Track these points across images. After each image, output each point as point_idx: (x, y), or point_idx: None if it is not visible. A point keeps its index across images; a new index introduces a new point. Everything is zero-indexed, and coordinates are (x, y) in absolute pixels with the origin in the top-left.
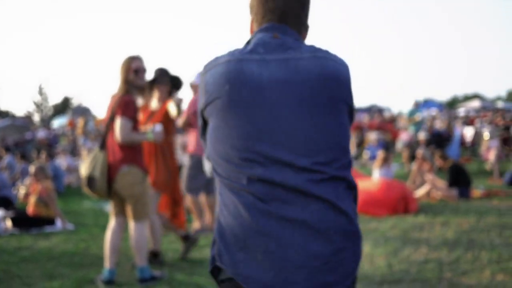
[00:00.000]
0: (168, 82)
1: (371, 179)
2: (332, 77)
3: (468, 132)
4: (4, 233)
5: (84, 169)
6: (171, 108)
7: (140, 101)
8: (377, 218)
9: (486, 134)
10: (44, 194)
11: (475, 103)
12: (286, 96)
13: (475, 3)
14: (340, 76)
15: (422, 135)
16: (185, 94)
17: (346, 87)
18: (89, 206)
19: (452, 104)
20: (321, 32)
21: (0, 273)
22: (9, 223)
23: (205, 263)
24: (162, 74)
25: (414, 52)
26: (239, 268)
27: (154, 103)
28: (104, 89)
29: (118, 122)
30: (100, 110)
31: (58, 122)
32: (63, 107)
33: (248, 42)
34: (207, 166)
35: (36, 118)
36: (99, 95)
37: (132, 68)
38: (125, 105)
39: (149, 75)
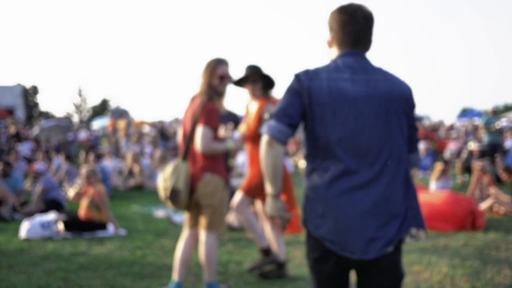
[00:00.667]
0: (260, 81)
1: (432, 192)
2: (397, 96)
3: None
4: (56, 236)
5: (164, 180)
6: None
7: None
8: (443, 234)
9: None
10: (97, 198)
11: None
12: (368, 108)
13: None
14: (402, 94)
15: (475, 146)
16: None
17: (405, 103)
18: (137, 210)
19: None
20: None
21: (60, 282)
22: (61, 227)
23: (272, 278)
24: (253, 72)
25: (451, 60)
26: None
27: (252, 105)
28: (140, 92)
29: (199, 132)
30: (137, 112)
31: (97, 124)
32: (101, 109)
33: (335, 62)
34: None
35: (75, 119)
36: (135, 98)
37: (218, 74)
38: (208, 114)
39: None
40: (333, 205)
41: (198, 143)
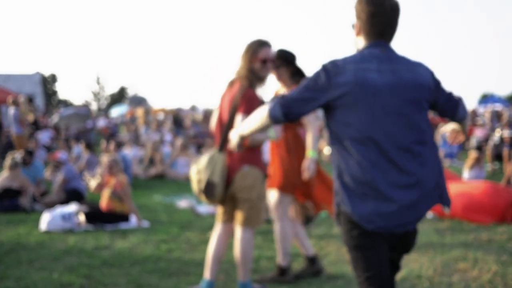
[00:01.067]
0: (285, 66)
1: (468, 182)
2: (420, 84)
3: None
4: (78, 228)
5: (198, 172)
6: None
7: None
8: (484, 226)
9: None
10: (119, 189)
11: None
12: (394, 97)
13: None
14: (424, 83)
15: (506, 133)
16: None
17: (427, 91)
18: (159, 200)
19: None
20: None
21: (83, 280)
22: (82, 218)
23: (308, 276)
24: (283, 57)
25: (470, 44)
26: None
27: (280, 91)
28: (158, 79)
29: (240, 121)
30: (155, 100)
31: (116, 111)
32: (119, 96)
33: (362, 52)
34: None
35: (93, 107)
36: (153, 86)
37: (260, 57)
38: (249, 101)
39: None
40: (372, 186)
41: None
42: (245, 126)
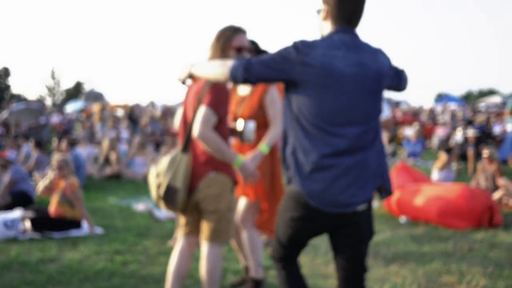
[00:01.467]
0: (259, 54)
1: (444, 184)
2: (381, 75)
3: None
4: (22, 236)
5: (158, 176)
6: None
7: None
8: (460, 232)
9: None
10: (69, 192)
11: (496, 99)
12: (356, 87)
13: None
14: (385, 72)
15: (471, 132)
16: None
17: (387, 78)
18: (115, 202)
19: (467, 99)
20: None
21: None
22: (28, 225)
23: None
24: (253, 45)
25: (426, 46)
26: None
27: (243, 87)
28: (116, 74)
29: (200, 113)
30: (113, 95)
31: (71, 107)
32: (75, 91)
33: (330, 37)
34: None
35: (48, 102)
36: (111, 80)
37: (234, 45)
38: (216, 94)
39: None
40: (322, 168)
41: (196, 126)
42: (201, 67)
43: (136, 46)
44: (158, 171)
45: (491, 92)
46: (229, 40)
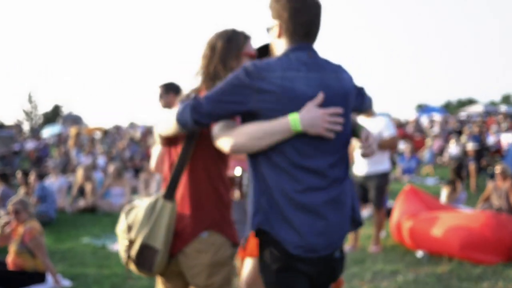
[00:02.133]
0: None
1: (466, 212)
2: (346, 94)
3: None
4: None
5: (130, 230)
6: None
7: None
8: (491, 268)
9: None
10: (28, 239)
11: (477, 108)
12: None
13: (463, 6)
14: (349, 91)
15: (470, 145)
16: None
17: (352, 98)
18: (88, 242)
19: (447, 109)
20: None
21: None
22: None
23: None
24: None
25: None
26: None
27: None
28: (95, 96)
29: (214, 130)
30: (92, 118)
31: (47, 132)
32: (53, 115)
33: (287, 56)
34: None
35: (26, 127)
36: (90, 103)
37: (246, 53)
38: None
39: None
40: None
41: (221, 144)
42: (159, 127)
43: (114, 68)
44: (130, 222)
45: (470, 102)
46: (242, 46)
